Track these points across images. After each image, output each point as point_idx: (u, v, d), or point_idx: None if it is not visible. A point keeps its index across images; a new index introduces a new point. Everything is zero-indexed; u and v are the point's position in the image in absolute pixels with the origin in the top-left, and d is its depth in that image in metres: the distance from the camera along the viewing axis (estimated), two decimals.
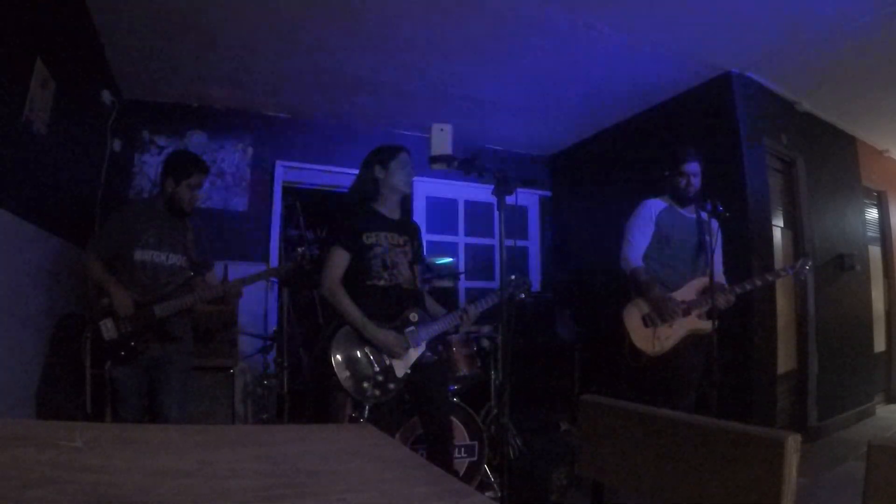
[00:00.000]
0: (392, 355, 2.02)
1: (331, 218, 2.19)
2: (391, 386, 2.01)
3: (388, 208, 2.18)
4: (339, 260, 2.05)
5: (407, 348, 2.03)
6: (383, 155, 2.16)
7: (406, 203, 2.30)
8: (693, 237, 2.53)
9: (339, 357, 1.99)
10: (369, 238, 2.07)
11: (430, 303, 2.28)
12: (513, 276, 2.21)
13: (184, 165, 2.28)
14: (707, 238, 2.50)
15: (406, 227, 2.22)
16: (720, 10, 2.65)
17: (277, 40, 3.00)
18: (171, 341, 2.24)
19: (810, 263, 2.56)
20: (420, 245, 2.28)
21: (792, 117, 3.76)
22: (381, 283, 2.07)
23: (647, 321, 2.41)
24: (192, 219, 2.40)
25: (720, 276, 2.56)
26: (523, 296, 2.23)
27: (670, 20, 2.76)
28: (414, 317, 2.08)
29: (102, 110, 3.29)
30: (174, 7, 2.65)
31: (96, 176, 3.32)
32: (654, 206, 2.55)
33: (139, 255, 2.20)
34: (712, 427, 0.83)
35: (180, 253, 2.30)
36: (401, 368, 2.03)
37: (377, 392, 1.99)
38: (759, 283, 2.45)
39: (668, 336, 2.37)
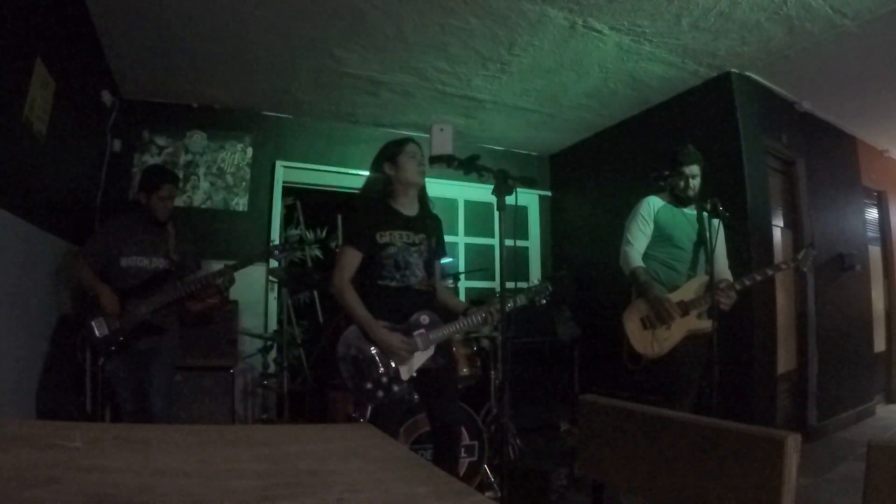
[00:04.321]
0: (396, 359, 1.98)
1: (343, 216, 2.17)
2: (395, 388, 1.97)
3: (405, 204, 2.11)
4: (351, 260, 2.01)
5: (412, 352, 2.00)
6: (391, 150, 2.09)
7: (425, 197, 2.20)
8: (693, 235, 2.52)
9: (343, 356, 1.97)
10: (383, 237, 2.02)
11: (453, 300, 2.23)
12: (536, 281, 2.20)
13: (153, 179, 2.52)
14: (709, 235, 2.50)
15: (424, 222, 2.14)
16: (720, 10, 2.65)
17: (277, 40, 3.00)
18: (158, 333, 2.43)
19: (815, 252, 2.54)
20: (440, 239, 2.21)
21: (792, 117, 3.76)
22: (393, 283, 2.02)
23: (645, 323, 2.40)
24: (174, 223, 2.60)
25: (726, 274, 2.55)
26: (545, 301, 2.21)
27: (670, 20, 2.76)
28: (424, 319, 2.03)
29: (102, 110, 3.28)
30: (174, 7, 2.65)
31: (96, 176, 3.32)
32: (653, 204, 2.54)
33: (125, 261, 2.42)
34: (712, 427, 0.83)
35: (162, 256, 2.50)
36: (406, 371, 1.99)
37: (380, 393, 1.96)
38: (758, 277, 2.43)
39: (667, 338, 2.36)
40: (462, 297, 4.44)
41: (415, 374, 2.01)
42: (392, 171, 2.08)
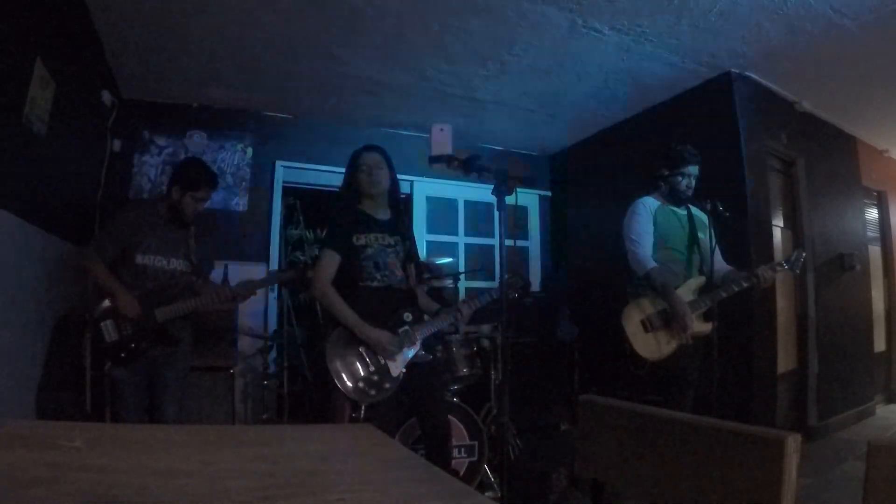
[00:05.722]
0: (385, 355, 2.03)
1: (326, 218, 2.21)
2: (387, 385, 2.01)
3: (376, 209, 2.19)
4: (330, 262, 2.07)
5: (400, 347, 2.04)
6: (350, 162, 2.20)
7: (397, 203, 2.28)
8: (686, 235, 2.50)
9: (334, 357, 2.00)
10: (360, 240, 2.09)
11: (424, 300, 2.28)
12: (507, 276, 2.20)
13: (194, 178, 2.30)
14: (700, 235, 2.48)
15: (397, 226, 2.22)
16: (720, 10, 2.65)
17: (277, 40, 3.00)
18: (171, 343, 2.26)
19: (804, 255, 2.52)
20: (412, 244, 2.29)
21: (792, 117, 3.76)
22: (374, 284, 2.08)
23: (646, 325, 2.37)
24: (195, 224, 2.43)
25: (724, 267, 2.53)
26: (517, 295, 2.23)
27: (670, 20, 2.76)
28: (408, 316, 2.10)
29: (102, 110, 3.28)
30: (174, 7, 2.65)
31: (96, 176, 3.32)
32: (650, 205, 2.52)
33: (141, 259, 2.23)
34: (712, 427, 0.83)
35: (181, 257, 2.32)
36: (396, 367, 2.04)
37: (373, 392, 1.99)
38: (745, 284, 2.37)
39: (669, 340, 2.33)
40: (462, 297, 4.43)
41: (403, 371, 2.05)
42: (354, 183, 2.17)
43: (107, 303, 2.16)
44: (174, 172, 2.39)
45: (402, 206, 2.31)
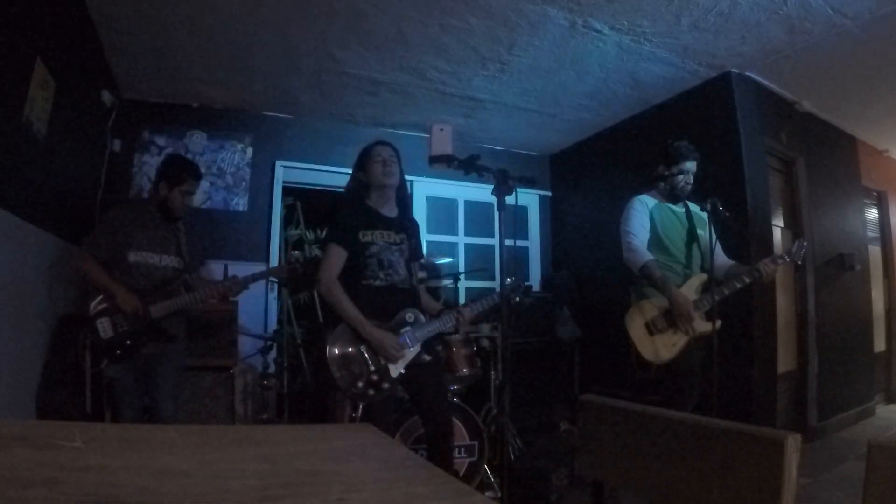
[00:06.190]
0: (387, 357, 2.01)
1: (328, 216, 2.21)
2: (385, 385, 2.00)
3: (383, 206, 2.18)
4: (336, 257, 2.05)
5: (402, 350, 2.02)
6: (361, 157, 2.19)
7: (404, 200, 2.28)
8: (684, 233, 2.49)
9: (334, 354, 1.99)
10: (365, 236, 2.07)
11: (426, 300, 2.27)
12: (509, 279, 2.19)
13: (178, 171, 2.34)
14: (700, 232, 2.48)
15: (403, 224, 2.21)
16: (720, 10, 2.65)
17: (277, 40, 3.00)
18: (167, 340, 2.28)
19: (805, 244, 2.52)
20: (418, 242, 2.28)
21: (792, 117, 3.76)
22: (377, 282, 2.07)
23: (650, 328, 2.35)
24: (184, 221, 2.45)
25: (726, 262, 2.53)
26: (519, 298, 2.23)
27: (670, 20, 2.76)
28: (410, 317, 2.08)
29: (102, 110, 3.28)
30: (174, 7, 2.65)
31: (96, 176, 3.32)
32: (647, 202, 2.51)
33: (133, 256, 2.25)
34: (712, 427, 0.83)
35: (173, 254, 2.34)
36: (395, 368, 2.03)
37: (371, 391, 1.98)
38: (747, 279, 2.37)
39: (675, 343, 2.31)
40: (462, 297, 4.44)
41: (403, 372, 2.04)
42: (364, 178, 2.16)
43: (102, 300, 2.17)
44: (159, 170, 2.44)
45: (408, 204, 2.31)
